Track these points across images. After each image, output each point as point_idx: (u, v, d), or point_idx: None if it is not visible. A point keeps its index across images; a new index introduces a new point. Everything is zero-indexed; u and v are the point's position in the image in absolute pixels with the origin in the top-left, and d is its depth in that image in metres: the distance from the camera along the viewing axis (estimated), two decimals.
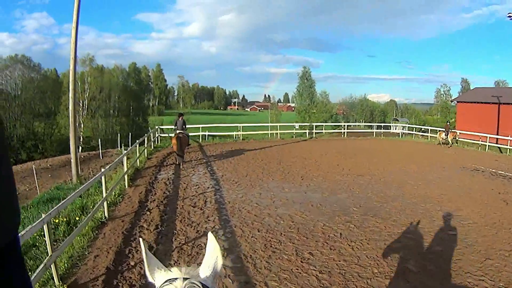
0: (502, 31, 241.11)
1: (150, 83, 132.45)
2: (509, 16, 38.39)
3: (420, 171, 21.23)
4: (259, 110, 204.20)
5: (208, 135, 35.80)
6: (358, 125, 64.21)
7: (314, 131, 40.67)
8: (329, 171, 20.40)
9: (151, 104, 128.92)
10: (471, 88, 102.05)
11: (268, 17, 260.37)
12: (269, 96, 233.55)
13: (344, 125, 45.61)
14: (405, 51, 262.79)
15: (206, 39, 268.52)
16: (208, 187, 15.73)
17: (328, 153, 27.81)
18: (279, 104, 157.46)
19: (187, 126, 23.49)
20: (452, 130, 36.71)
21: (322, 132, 42.93)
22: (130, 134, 34.84)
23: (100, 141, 35.51)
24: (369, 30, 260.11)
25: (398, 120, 69.31)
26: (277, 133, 39.19)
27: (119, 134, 37.91)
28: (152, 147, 28.07)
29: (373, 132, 45.99)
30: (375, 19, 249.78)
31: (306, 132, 41.07)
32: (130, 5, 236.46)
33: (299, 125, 43.55)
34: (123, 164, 16.40)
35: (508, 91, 53.28)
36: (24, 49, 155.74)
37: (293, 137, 39.45)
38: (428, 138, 42.01)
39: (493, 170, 22.68)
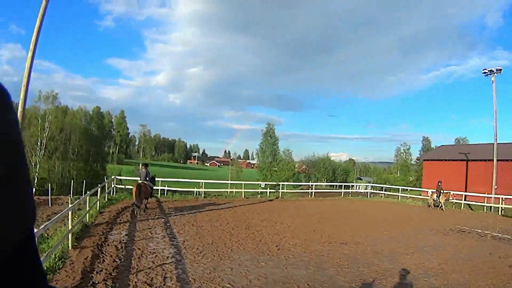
0: (460, 90, 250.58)
1: (112, 129, 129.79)
2: (484, 73, 38.01)
3: (406, 237, 19.69)
4: (218, 165, 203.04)
5: (167, 190, 32.75)
6: (325, 185, 62.14)
7: (280, 190, 37.98)
8: (307, 238, 17.82)
9: (111, 152, 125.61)
10: (432, 146, 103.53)
11: (234, 73, 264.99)
12: (229, 152, 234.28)
13: (312, 185, 43.35)
14: (366, 111, 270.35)
15: (172, 91, 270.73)
16: (167, 257, 12.80)
17: (299, 215, 25.43)
18: (239, 160, 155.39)
19: (155, 178, 24.01)
20: (445, 191, 34.57)
21: (284, 191, 40.27)
22: (84, 181, 31.64)
23: (56, 185, 32.48)
24: (332, 91, 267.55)
25: (361, 179, 67.98)
26: (241, 191, 36.43)
27: (72, 180, 34.54)
28: (106, 199, 25.03)
29: (341, 192, 43.88)
30: (338, 80, 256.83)
31: (268, 192, 38.50)
32: (102, 48, 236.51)
33: (265, 184, 41.10)
34: (71, 217, 13.50)
35: (474, 148, 53.49)
36: None
37: (258, 196, 36.59)
38: (398, 198, 40.52)
39: (479, 231, 22.68)
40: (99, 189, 21.29)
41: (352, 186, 52.95)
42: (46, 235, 15.16)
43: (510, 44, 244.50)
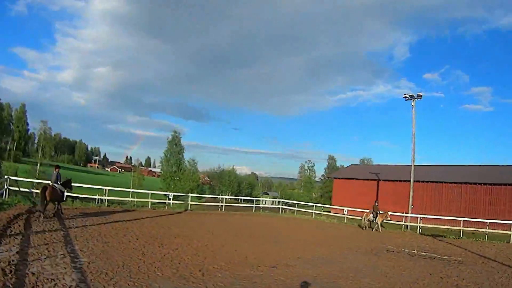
0: (364, 114, 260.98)
1: (11, 123, 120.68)
2: (405, 97, 38.40)
3: (337, 258, 18.44)
4: (119, 171, 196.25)
5: (66, 195, 28.81)
6: (235, 199, 60.18)
7: (189, 202, 35.32)
8: (231, 260, 15.64)
9: (8, 148, 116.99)
10: (338, 165, 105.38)
11: (141, 78, 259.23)
12: (131, 158, 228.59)
13: (222, 198, 41.25)
14: (270, 127, 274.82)
15: (77, 90, 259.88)
16: (69, 287, 10.07)
17: (215, 232, 23.30)
18: (141, 167, 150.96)
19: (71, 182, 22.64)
20: (381, 212, 33.40)
21: (192, 203, 37.58)
22: None
23: None
24: (237, 104, 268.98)
25: (268, 194, 66.83)
26: (147, 201, 33.40)
27: None
28: None
29: (250, 206, 42.01)
30: (244, 94, 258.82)
31: (171, 203, 35.75)
32: (9, 35, 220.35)
33: (173, 195, 38.34)
34: None
35: (383, 168, 54.62)
36: None
37: (166, 207, 33.66)
38: (312, 215, 39.66)
39: (406, 250, 22.66)
40: None
41: (260, 201, 51.56)
42: None
43: (413, 76, 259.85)
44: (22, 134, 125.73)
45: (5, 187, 25.32)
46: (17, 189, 27.59)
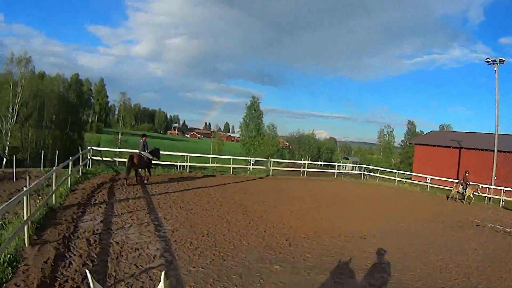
0: (441, 79, 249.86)
1: (91, 97, 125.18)
2: (487, 62, 35.68)
3: (424, 231, 17.28)
4: (199, 137, 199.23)
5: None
6: (318, 164, 58.72)
7: (271, 168, 34.60)
8: (317, 229, 14.91)
9: (90, 120, 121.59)
10: (417, 130, 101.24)
11: (216, 46, 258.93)
12: (209, 124, 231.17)
13: (304, 163, 40.01)
14: (347, 91, 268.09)
15: (153, 61, 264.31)
16: (154, 256, 9.63)
17: (299, 198, 22.33)
18: (220, 133, 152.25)
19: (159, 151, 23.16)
20: (472, 183, 30.81)
21: (274, 168, 36.47)
22: (57, 152, 28.12)
23: (29, 154, 29.20)
24: (314, 68, 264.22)
25: (348, 159, 65.17)
26: (229, 167, 33.07)
27: (43, 151, 31.06)
28: (81, 173, 21.72)
29: (333, 172, 40.49)
30: (321, 58, 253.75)
31: (250, 168, 35.08)
32: (82, 14, 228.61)
33: (255, 160, 37.80)
34: (27, 204, 10.24)
35: (466, 136, 51.63)
36: None
37: (247, 173, 33.22)
38: (394, 183, 37.83)
39: (490, 225, 20.64)
40: (70, 163, 18.06)
41: (341, 166, 49.76)
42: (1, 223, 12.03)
43: (489, 40, 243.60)
44: (102, 107, 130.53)
45: (89, 157, 25.75)
46: (100, 158, 28.06)
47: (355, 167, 49.06)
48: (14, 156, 26.58)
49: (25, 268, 8.37)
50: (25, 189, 10.19)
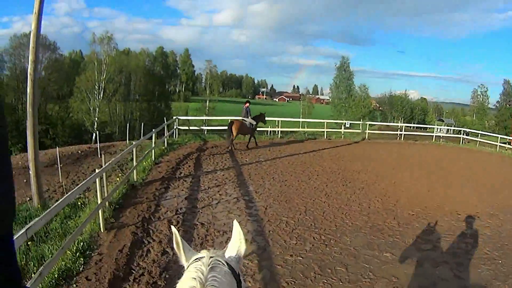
0: None
1: (177, 68, 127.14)
2: None
3: None
4: (287, 100, 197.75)
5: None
6: (413, 127, 54.86)
7: (367, 131, 32.25)
8: (426, 205, 12.57)
9: (177, 90, 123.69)
10: None
11: (300, 8, 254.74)
12: (298, 87, 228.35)
13: (401, 126, 36.96)
14: (436, 49, 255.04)
15: (236, 28, 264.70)
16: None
17: (400, 166, 19.87)
18: (308, 95, 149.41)
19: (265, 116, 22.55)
20: None
21: (370, 131, 33.97)
22: (142, 124, 27.68)
23: (118, 128, 29.26)
24: (401, 26, 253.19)
25: (443, 121, 60.99)
26: (322, 131, 31.08)
27: (127, 124, 30.91)
28: (166, 144, 20.87)
29: (429, 135, 37.14)
30: (408, 14, 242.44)
31: (343, 131, 32.88)
32: None
33: (350, 123, 35.71)
34: (101, 185, 9.19)
35: None
36: (54, 32, 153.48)
37: (341, 137, 31.13)
38: (496, 148, 33.55)
39: None
40: (154, 134, 17.13)
41: (438, 129, 45.77)
42: (80, 203, 11.19)
43: None
44: (189, 76, 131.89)
45: (175, 127, 25.00)
46: (187, 127, 27.32)
47: (450, 129, 45.12)
48: (97, 131, 26.35)
49: (98, 258, 7.46)
50: (97, 171, 9.08)
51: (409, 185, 15.38)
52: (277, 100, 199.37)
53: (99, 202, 8.96)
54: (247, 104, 22.35)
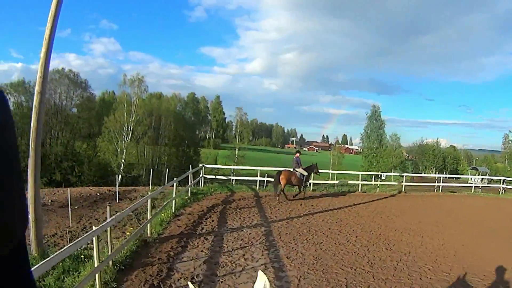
0: None
1: (208, 114, 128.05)
2: None
3: None
4: (317, 150, 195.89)
5: (267, 180, 25.68)
6: (452, 178, 51.85)
7: (403, 183, 29.95)
8: (485, 272, 10.53)
9: (207, 137, 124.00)
10: None
11: (329, 58, 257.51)
12: (327, 136, 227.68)
13: (440, 177, 34.29)
14: (464, 95, 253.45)
15: (267, 76, 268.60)
16: None
17: (444, 223, 17.50)
18: (337, 145, 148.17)
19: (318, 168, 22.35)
20: None
21: (406, 184, 31.62)
22: (166, 170, 26.30)
23: (145, 171, 28.13)
24: (428, 73, 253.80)
25: (477, 169, 58.03)
26: (357, 183, 29.01)
27: (151, 169, 29.57)
28: (189, 194, 19.29)
29: (471, 186, 34.52)
30: (435, 62, 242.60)
31: (378, 184, 30.86)
32: (195, 38, 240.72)
33: (385, 175, 33.66)
34: (97, 246, 7.62)
35: None
36: (90, 72, 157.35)
37: (377, 190, 28.95)
38: None
39: None
40: (175, 184, 15.62)
41: (473, 178, 43.01)
42: (83, 256, 9.69)
43: None
44: (219, 123, 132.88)
45: (201, 175, 23.52)
46: (213, 176, 25.86)
47: (484, 178, 42.21)
48: (123, 174, 25.02)
49: None
50: (94, 228, 7.55)
51: (459, 246, 13.35)
52: (306, 149, 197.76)
53: (95, 265, 7.40)
54: (297, 154, 22.13)
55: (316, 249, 11.85)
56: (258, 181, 25.18)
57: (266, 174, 25.57)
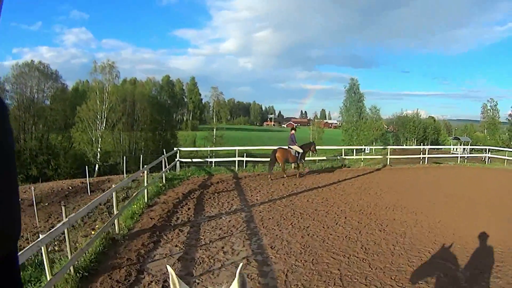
0: None
1: (184, 97, 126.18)
2: None
3: None
4: (296, 126, 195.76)
5: (246, 160, 24.55)
6: (437, 148, 50.87)
7: (388, 156, 28.98)
8: (489, 254, 9.44)
9: (184, 119, 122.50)
10: None
11: (303, 34, 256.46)
12: (305, 112, 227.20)
13: (424, 149, 33.19)
14: (440, 67, 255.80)
15: (242, 55, 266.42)
16: None
17: (435, 198, 16.45)
18: (316, 120, 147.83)
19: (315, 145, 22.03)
20: None
21: (390, 157, 30.62)
22: (141, 156, 25.02)
23: (121, 158, 26.96)
24: (403, 46, 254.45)
25: (459, 139, 57.62)
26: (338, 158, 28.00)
27: (124, 157, 28.28)
28: (164, 179, 18.07)
29: (455, 157, 33.79)
30: (409, 34, 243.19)
31: (362, 158, 29.99)
32: (167, 21, 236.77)
33: (370, 149, 32.61)
34: (48, 255, 6.44)
35: None
36: (63, 63, 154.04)
37: (361, 164, 27.66)
38: None
39: None
40: (145, 172, 14.41)
41: (455, 148, 42.33)
42: (47, 259, 8.49)
43: None
44: (196, 104, 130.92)
45: (177, 159, 22.30)
46: (190, 160, 24.67)
47: (466, 148, 41.34)
48: (99, 163, 23.63)
49: None
50: (41, 236, 6.37)
51: (457, 223, 12.31)
52: (285, 126, 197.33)
53: (48, 278, 6.25)
54: (293, 132, 21.23)
55: (303, 235, 10.70)
56: (236, 161, 23.86)
57: (245, 154, 24.37)
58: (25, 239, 12.98)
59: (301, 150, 20.50)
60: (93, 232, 10.21)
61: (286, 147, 20.46)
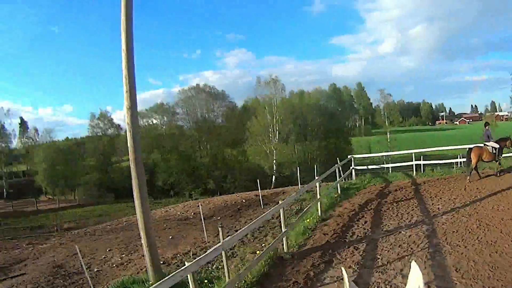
0: None
1: (353, 103, 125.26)
2: None
3: None
4: (467, 122, 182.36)
5: (424, 164, 22.02)
6: None
7: None
8: None
9: (357, 125, 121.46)
10: None
11: (459, 22, 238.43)
12: (475, 106, 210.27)
13: None
14: None
15: (400, 55, 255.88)
16: None
17: None
18: (487, 114, 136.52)
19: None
20: None
21: None
22: (315, 166, 24.38)
23: (297, 169, 26.91)
24: None
25: None
26: None
27: (297, 168, 27.86)
28: (339, 190, 17.17)
29: None
30: None
31: None
32: (321, 30, 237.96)
33: None
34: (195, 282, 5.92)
35: None
36: (229, 84, 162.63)
37: None
38: None
39: None
40: (317, 184, 13.65)
41: None
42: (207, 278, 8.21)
43: None
44: (366, 109, 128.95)
45: (351, 167, 21.50)
46: (365, 167, 23.41)
47: None
48: (258, 180, 23.40)
49: None
50: (187, 264, 5.86)
51: None
52: (458, 123, 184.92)
53: None
54: (487, 127, 19.20)
55: (491, 252, 8.73)
56: (414, 165, 21.76)
57: (421, 156, 22.33)
58: (192, 254, 13.02)
59: (497, 146, 18.09)
60: (257, 252, 9.66)
61: (482, 145, 18.27)
